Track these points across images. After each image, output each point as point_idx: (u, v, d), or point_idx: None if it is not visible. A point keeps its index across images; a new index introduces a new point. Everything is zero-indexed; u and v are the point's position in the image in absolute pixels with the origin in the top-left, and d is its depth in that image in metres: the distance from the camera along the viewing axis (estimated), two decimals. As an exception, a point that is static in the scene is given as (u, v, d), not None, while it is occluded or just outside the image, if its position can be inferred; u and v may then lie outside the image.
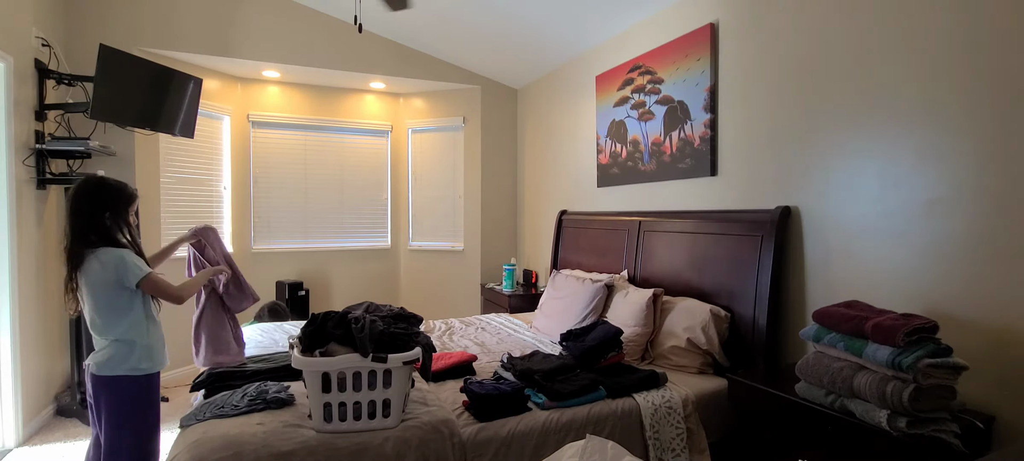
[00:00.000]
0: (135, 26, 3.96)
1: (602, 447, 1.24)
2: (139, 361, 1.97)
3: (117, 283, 1.93)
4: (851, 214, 2.32)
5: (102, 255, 1.92)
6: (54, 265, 3.56)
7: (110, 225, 1.98)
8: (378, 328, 1.94)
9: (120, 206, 2.02)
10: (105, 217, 1.97)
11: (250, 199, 4.99)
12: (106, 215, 1.97)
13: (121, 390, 1.94)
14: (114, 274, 1.91)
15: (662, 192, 3.46)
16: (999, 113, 1.84)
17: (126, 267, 1.93)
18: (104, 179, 2.03)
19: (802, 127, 2.54)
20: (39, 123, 3.37)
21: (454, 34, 4.47)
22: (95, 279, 1.92)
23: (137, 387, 1.96)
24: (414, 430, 1.94)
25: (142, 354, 1.98)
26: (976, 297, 1.90)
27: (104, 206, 1.97)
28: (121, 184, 2.06)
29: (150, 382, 2.01)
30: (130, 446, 1.95)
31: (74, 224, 1.94)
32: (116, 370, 1.93)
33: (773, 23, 2.67)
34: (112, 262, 1.91)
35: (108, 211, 1.98)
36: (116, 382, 1.93)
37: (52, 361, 3.55)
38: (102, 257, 1.91)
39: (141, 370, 1.97)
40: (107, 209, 1.98)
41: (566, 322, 3.21)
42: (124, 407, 1.95)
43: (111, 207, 1.99)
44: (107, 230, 1.97)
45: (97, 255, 1.91)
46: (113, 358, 1.94)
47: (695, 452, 2.33)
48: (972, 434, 1.72)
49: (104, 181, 2.02)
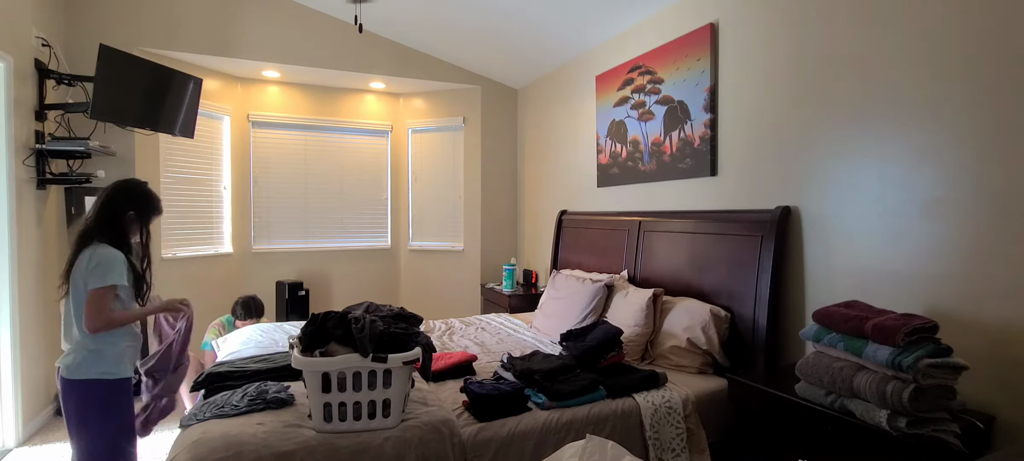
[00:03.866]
0: (135, 26, 3.96)
1: (602, 447, 1.23)
2: (110, 365, 1.93)
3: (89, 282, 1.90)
4: (851, 214, 2.32)
5: (97, 250, 1.91)
6: (54, 265, 3.56)
7: (128, 225, 2.02)
8: (378, 328, 1.94)
9: (146, 212, 2.07)
10: (128, 216, 2.01)
11: (250, 199, 4.99)
12: (130, 214, 2.02)
13: (91, 394, 1.90)
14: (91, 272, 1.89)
15: (662, 192, 3.46)
16: (999, 113, 1.84)
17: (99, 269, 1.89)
18: (145, 185, 2.11)
19: (802, 127, 2.54)
20: (39, 123, 3.38)
21: (454, 34, 4.47)
22: (79, 272, 1.91)
23: (107, 391, 1.92)
24: (414, 430, 1.94)
25: (113, 359, 1.94)
26: (976, 297, 1.90)
27: (132, 205, 2.03)
28: (156, 196, 2.12)
29: (121, 387, 1.96)
30: (104, 452, 1.90)
31: (99, 212, 1.97)
32: (87, 373, 1.89)
33: (773, 23, 2.67)
34: (96, 259, 1.89)
35: (133, 211, 2.03)
36: (85, 386, 1.89)
37: (52, 361, 3.53)
38: (94, 252, 1.91)
39: (111, 374, 1.93)
40: (132, 208, 2.03)
41: (566, 322, 3.21)
42: (94, 412, 1.90)
43: (137, 208, 2.04)
44: (123, 229, 2.00)
45: (94, 249, 1.91)
46: (84, 361, 1.90)
47: (695, 452, 2.33)
48: (972, 434, 1.72)
49: (143, 186, 2.10)
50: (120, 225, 1.99)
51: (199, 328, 4.40)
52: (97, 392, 1.91)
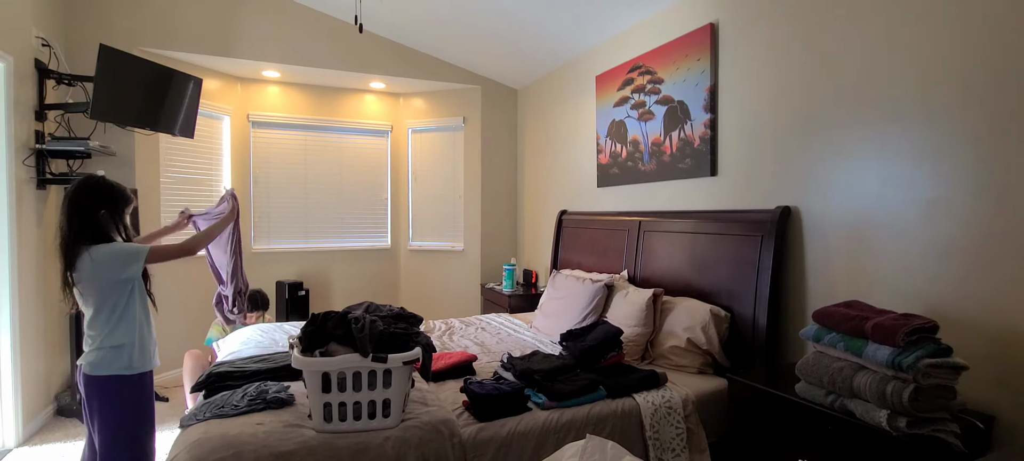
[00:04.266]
0: (135, 26, 3.96)
1: (602, 447, 1.24)
2: (132, 360, 1.96)
3: (111, 280, 1.92)
4: (851, 214, 2.32)
5: (95, 253, 1.89)
6: (54, 265, 3.55)
7: (105, 224, 1.97)
8: (378, 328, 1.94)
9: (117, 206, 2.02)
10: (100, 215, 1.96)
11: (250, 199, 4.99)
12: (101, 213, 1.96)
13: (114, 390, 1.93)
14: (107, 271, 1.90)
15: (662, 192, 3.46)
16: (999, 112, 1.84)
17: (122, 257, 1.92)
18: (103, 178, 2.03)
19: (802, 127, 2.54)
20: (39, 123, 3.38)
21: (454, 34, 4.47)
22: (88, 277, 1.90)
23: (130, 386, 1.96)
24: (414, 430, 1.94)
25: (135, 353, 1.97)
26: (976, 297, 1.90)
27: (101, 204, 1.97)
28: (119, 185, 2.06)
29: (144, 381, 2.00)
30: (126, 445, 1.94)
31: (70, 220, 1.91)
32: (109, 369, 1.92)
33: (773, 23, 2.67)
34: (105, 258, 1.90)
35: (104, 209, 1.97)
36: (109, 382, 1.93)
37: (52, 361, 3.55)
38: (94, 255, 1.89)
39: (134, 369, 1.96)
40: (103, 207, 1.97)
41: (566, 322, 3.21)
42: (118, 407, 1.94)
43: (108, 205, 1.98)
44: (102, 228, 1.96)
45: (90, 253, 1.89)
46: (106, 358, 1.92)
47: (695, 452, 2.33)
48: (972, 434, 1.73)
49: (102, 180, 2.02)
50: (97, 226, 1.95)
51: (202, 325, 4.41)
52: (117, 387, 1.94)
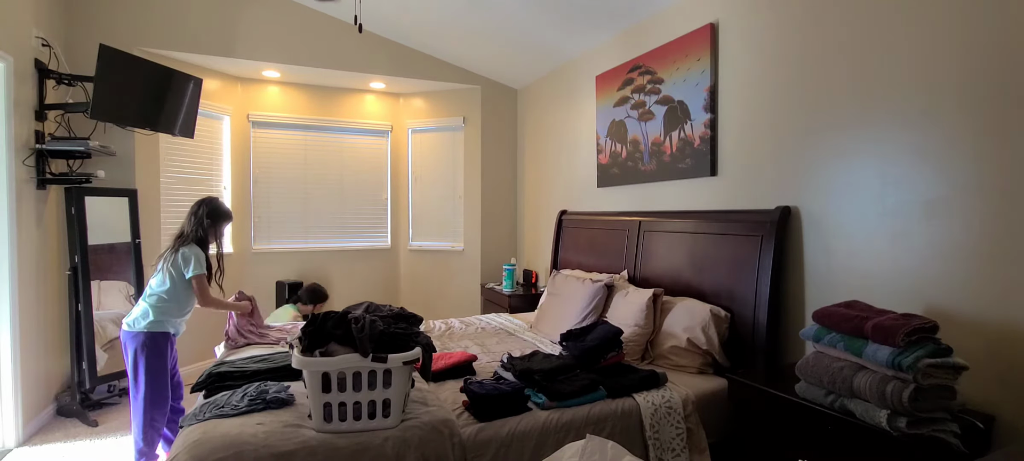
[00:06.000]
0: (135, 26, 3.96)
1: (602, 447, 1.24)
2: (159, 324, 2.61)
3: (180, 275, 2.63)
4: (851, 214, 2.32)
5: (185, 250, 2.64)
6: (54, 265, 3.56)
7: (206, 231, 2.73)
8: (378, 328, 1.94)
9: (219, 221, 2.81)
10: (205, 223, 2.73)
11: (250, 199, 4.99)
12: (206, 222, 2.74)
13: (140, 340, 2.59)
14: (182, 266, 2.63)
15: (662, 192, 3.46)
16: (999, 112, 1.84)
17: (189, 261, 2.64)
18: (217, 200, 2.83)
19: (802, 127, 2.54)
20: (39, 123, 3.38)
21: (454, 34, 4.47)
22: (171, 264, 2.63)
23: (151, 340, 2.60)
24: (414, 430, 1.94)
25: (164, 320, 2.63)
26: (976, 297, 1.90)
27: (210, 216, 2.76)
28: (227, 209, 2.87)
29: (161, 338, 2.63)
30: (148, 384, 2.59)
31: (189, 221, 2.73)
32: (138, 327, 2.59)
33: (773, 23, 2.67)
34: (186, 256, 2.63)
35: (210, 220, 2.76)
36: (138, 335, 2.59)
37: (52, 361, 3.55)
38: (184, 251, 2.64)
39: (155, 328, 2.60)
40: (210, 218, 2.76)
41: (566, 322, 3.21)
42: (142, 353, 2.59)
43: (212, 218, 2.77)
44: (203, 234, 2.72)
45: (183, 249, 2.64)
46: (139, 318, 2.60)
47: (695, 452, 2.33)
48: (972, 434, 1.73)
49: (220, 203, 2.83)
50: (201, 231, 2.72)
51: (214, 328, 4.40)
52: (143, 339, 2.60)
